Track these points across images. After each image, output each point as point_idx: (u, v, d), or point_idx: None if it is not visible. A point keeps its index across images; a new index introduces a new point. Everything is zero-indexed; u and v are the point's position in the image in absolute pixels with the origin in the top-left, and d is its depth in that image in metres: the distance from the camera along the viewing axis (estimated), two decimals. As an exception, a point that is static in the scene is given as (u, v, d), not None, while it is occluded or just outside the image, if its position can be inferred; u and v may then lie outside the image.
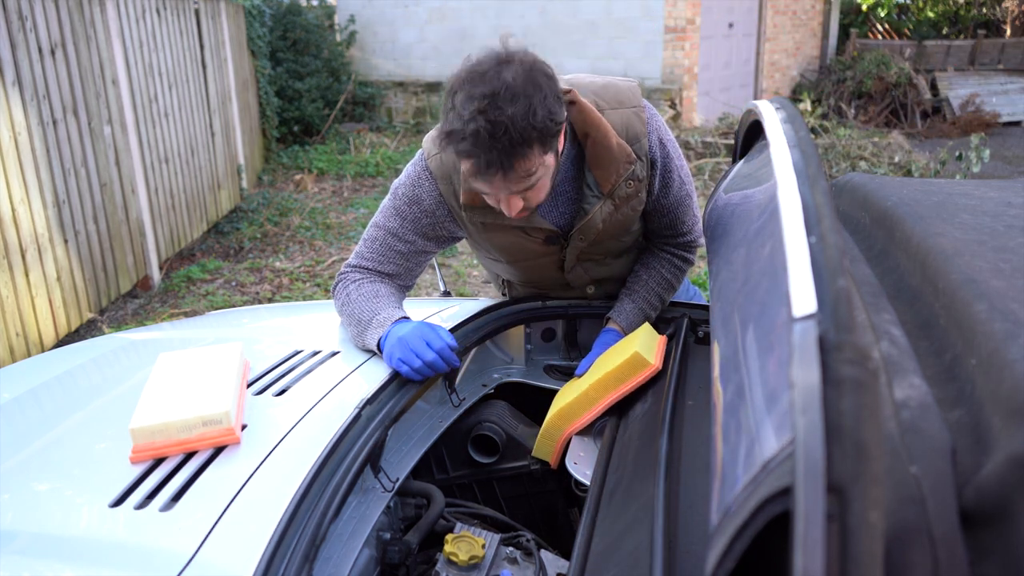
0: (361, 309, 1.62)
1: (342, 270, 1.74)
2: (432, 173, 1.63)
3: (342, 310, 1.68)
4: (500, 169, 1.35)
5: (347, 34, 10.48)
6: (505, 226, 1.64)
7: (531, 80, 1.34)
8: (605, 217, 1.64)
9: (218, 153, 6.54)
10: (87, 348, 1.91)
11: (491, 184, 1.41)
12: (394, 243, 1.69)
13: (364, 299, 1.64)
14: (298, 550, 1.02)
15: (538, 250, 1.71)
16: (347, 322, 1.66)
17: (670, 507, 1.07)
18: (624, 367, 1.50)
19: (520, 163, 1.35)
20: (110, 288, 4.62)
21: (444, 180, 1.63)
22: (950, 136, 10.16)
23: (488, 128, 1.29)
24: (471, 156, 1.34)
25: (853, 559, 0.48)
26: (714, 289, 1.17)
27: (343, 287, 1.70)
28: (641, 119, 1.62)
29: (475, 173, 1.38)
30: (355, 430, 1.29)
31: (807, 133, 0.96)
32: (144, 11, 5.16)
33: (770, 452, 0.59)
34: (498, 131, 1.29)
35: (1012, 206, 1.08)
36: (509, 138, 1.30)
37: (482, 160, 1.33)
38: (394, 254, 1.70)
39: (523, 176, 1.39)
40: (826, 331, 0.56)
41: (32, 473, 1.25)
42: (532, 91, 1.33)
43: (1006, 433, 0.60)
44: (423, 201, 1.65)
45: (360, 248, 1.73)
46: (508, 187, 1.41)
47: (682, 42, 8.88)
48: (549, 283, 1.84)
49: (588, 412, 1.53)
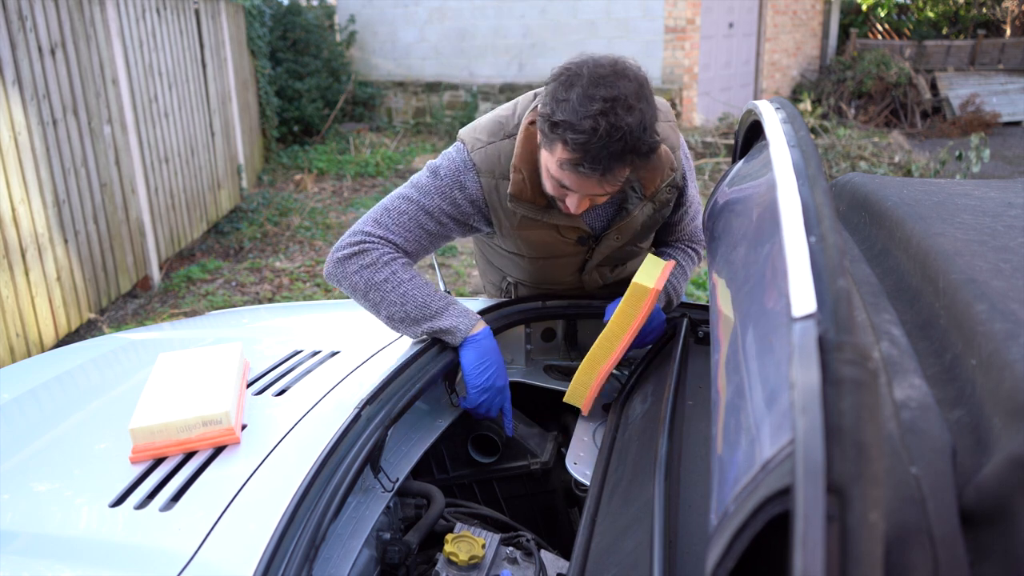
0: (424, 293, 1.57)
1: (364, 237, 1.60)
2: (477, 166, 1.62)
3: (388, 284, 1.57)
4: (602, 171, 1.38)
5: (347, 34, 10.48)
6: (542, 223, 1.65)
7: (644, 96, 1.38)
8: (644, 219, 1.69)
9: (218, 153, 6.54)
10: (87, 348, 1.91)
11: (582, 181, 1.42)
12: (425, 221, 1.62)
13: (419, 285, 1.58)
14: (298, 550, 1.02)
15: (566, 249, 1.73)
16: (394, 298, 1.57)
17: (670, 507, 1.07)
18: (627, 301, 1.53)
19: (620, 171, 1.40)
20: (110, 288, 4.62)
21: (488, 174, 1.62)
22: (950, 136, 10.16)
23: (607, 130, 1.33)
24: (582, 150, 1.36)
25: (853, 559, 0.48)
26: (714, 289, 1.17)
27: (381, 259, 1.58)
28: (676, 132, 1.68)
29: (575, 165, 1.39)
30: (355, 430, 1.29)
31: (807, 133, 0.96)
32: (144, 11, 5.16)
33: (770, 452, 0.59)
34: (615, 136, 1.33)
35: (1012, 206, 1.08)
36: (623, 145, 1.35)
37: (590, 157, 1.36)
38: (422, 232, 1.63)
39: (616, 182, 1.43)
40: (826, 331, 0.56)
41: (32, 473, 1.25)
42: (645, 107, 1.38)
43: (1006, 433, 0.60)
44: (467, 188, 1.62)
45: (383, 218, 1.62)
46: (595, 189, 1.44)
47: (682, 42, 8.88)
48: (561, 285, 1.85)
49: (611, 355, 1.57)
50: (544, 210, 1.60)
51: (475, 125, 1.67)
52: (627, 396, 1.60)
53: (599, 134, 1.33)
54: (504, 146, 1.60)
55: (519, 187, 1.58)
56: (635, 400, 1.57)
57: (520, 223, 1.66)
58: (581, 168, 1.38)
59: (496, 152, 1.60)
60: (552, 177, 1.48)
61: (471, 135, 1.64)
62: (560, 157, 1.40)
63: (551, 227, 1.66)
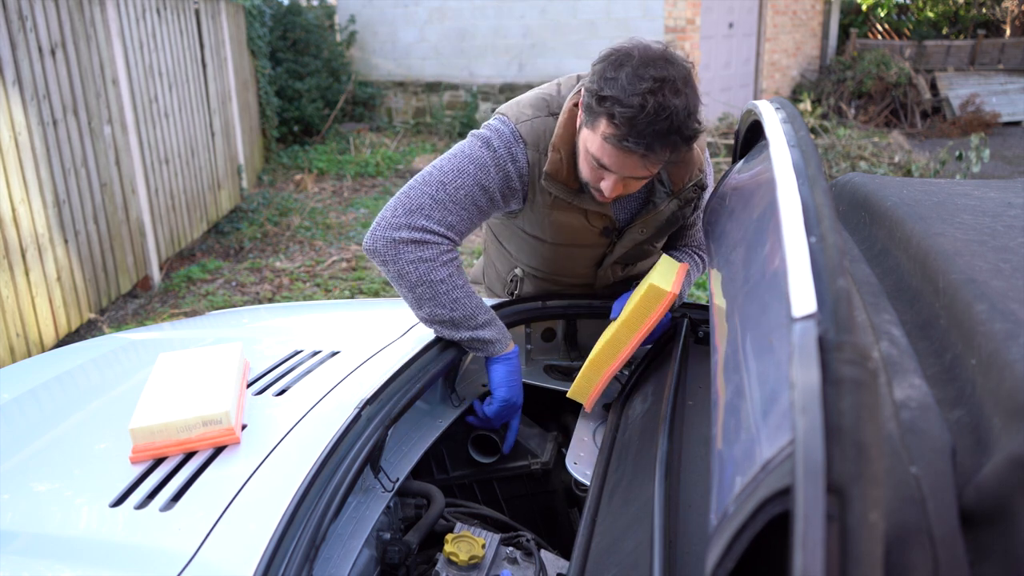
0: (473, 304, 1.57)
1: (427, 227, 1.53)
2: (523, 137, 1.60)
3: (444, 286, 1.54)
4: (646, 149, 1.39)
5: (347, 34, 10.48)
6: (572, 207, 1.65)
7: (690, 83, 1.41)
8: (669, 214, 1.70)
9: (218, 153, 6.54)
10: (87, 348, 1.90)
11: (623, 160, 1.42)
12: (479, 197, 1.57)
13: (469, 294, 1.58)
14: (298, 550, 1.02)
15: (590, 239, 1.73)
16: (445, 301, 1.55)
17: (670, 507, 1.07)
18: (643, 302, 1.52)
19: (663, 151, 1.41)
20: (110, 288, 4.62)
21: (534, 147, 1.60)
22: (950, 136, 10.16)
23: (655, 107, 1.35)
24: (628, 125, 1.37)
25: (853, 559, 0.48)
26: (714, 289, 1.17)
27: (441, 256, 1.54)
28: (702, 138, 1.67)
29: (619, 140, 1.39)
30: (355, 430, 1.29)
31: (807, 133, 0.96)
32: (144, 11, 5.16)
33: (770, 452, 0.59)
34: (662, 114, 1.35)
35: (1012, 206, 1.08)
36: (669, 124, 1.36)
37: (636, 132, 1.37)
38: (475, 210, 1.58)
39: (656, 164, 1.44)
40: (826, 331, 0.56)
41: (32, 473, 1.25)
42: (691, 93, 1.40)
43: (1006, 433, 0.60)
44: (518, 160, 1.60)
45: (441, 196, 1.54)
46: (635, 169, 1.44)
47: (682, 42, 8.87)
48: (574, 278, 1.85)
49: (620, 355, 1.55)
50: (576, 194, 1.61)
51: (518, 101, 1.67)
52: (627, 396, 1.60)
53: (647, 111, 1.35)
54: (549, 123, 1.60)
55: (556, 167, 1.58)
56: (635, 400, 1.57)
57: (554, 204, 1.65)
58: (626, 143, 1.38)
59: (543, 127, 1.60)
60: (592, 157, 1.48)
61: (515, 109, 1.64)
62: (604, 132, 1.41)
63: (580, 212, 1.66)
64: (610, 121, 1.39)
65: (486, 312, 1.60)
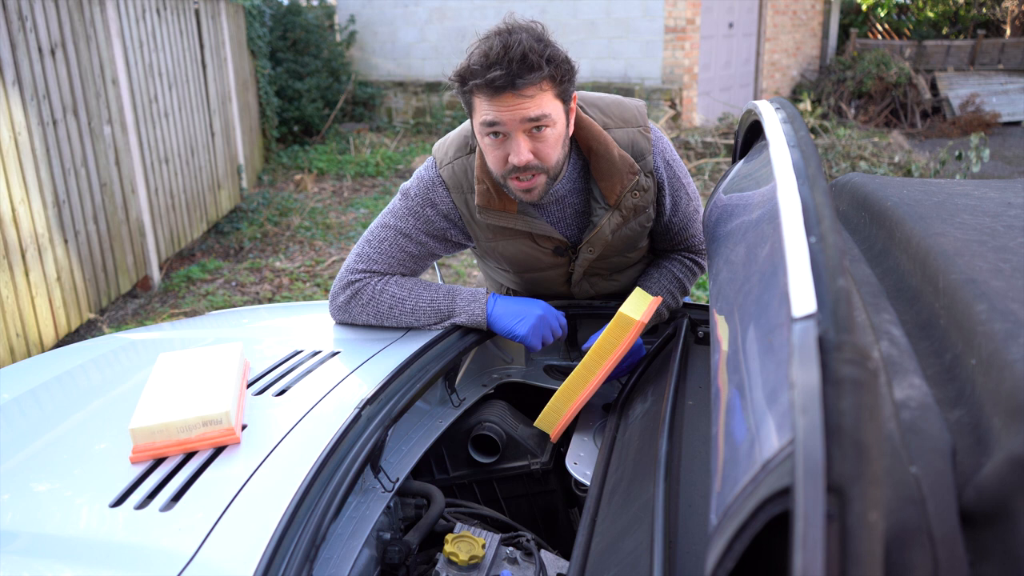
0: (429, 298, 1.67)
1: (353, 277, 1.70)
2: (445, 182, 1.66)
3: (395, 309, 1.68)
4: (511, 88, 1.38)
5: (347, 34, 10.48)
6: (515, 232, 1.66)
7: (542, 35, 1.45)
8: (614, 228, 1.67)
9: (218, 153, 6.54)
10: (87, 348, 1.90)
11: (502, 106, 1.41)
12: (405, 244, 1.70)
13: (420, 294, 1.68)
14: (298, 550, 1.02)
15: (546, 261, 1.73)
16: (406, 315, 1.68)
17: (670, 507, 1.07)
18: (611, 330, 1.52)
19: (530, 87, 1.40)
20: (110, 288, 4.62)
21: (457, 190, 1.65)
22: (950, 136, 10.16)
23: (502, 42, 1.38)
24: (485, 66, 1.38)
25: (853, 559, 0.48)
26: (714, 289, 1.17)
27: (375, 289, 1.68)
28: (647, 139, 1.65)
29: (487, 84, 1.39)
30: (355, 430, 1.29)
31: (807, 133, 0.96)
32: (144, 11, 5.16)
33: (770, 452, 0.59)
34: (512, 44, 1.38)
35: (1012, 206, 1.08)
36: (521, 54, 1.37)
37: (493, 76, 1.37)
38: (405, 256, 1.71)
39: (540, 100, 1.42)
40: (826, 331, 0.56)
41: (32, 473, 1.24)
42: (542, 33, 1.44)
43: (1006, 433, 0.60)
44: (438, 204, 1.67)
45: (366, 251, 1.71)
46: (517, 113, 1.42)
47: (682, 42, 8.88)
48: (553, 295, 1.85)
49: (588, 384, 1.55)
50: (516, 217, 1.62)
51: (446, 139, 1.70)
52: (627, 396, 1.60)
53: (494, 48, 1.38)
54: (469, 160, 1.63)
55: (485, 197, 1.60)
56: (635, 400, 1.57)
57: (496, 233, 1.67)
58: (496, 82, 1.38)
59: (462, 167, 1.63)
60: (483, 128, 1.47)
61: (441, 150, 1.68)
62: (476, 92, 1.43)
63: (525, 236, 1.67)
64: (473, 80, 1.41)
65: (445, 296, 1.67)
